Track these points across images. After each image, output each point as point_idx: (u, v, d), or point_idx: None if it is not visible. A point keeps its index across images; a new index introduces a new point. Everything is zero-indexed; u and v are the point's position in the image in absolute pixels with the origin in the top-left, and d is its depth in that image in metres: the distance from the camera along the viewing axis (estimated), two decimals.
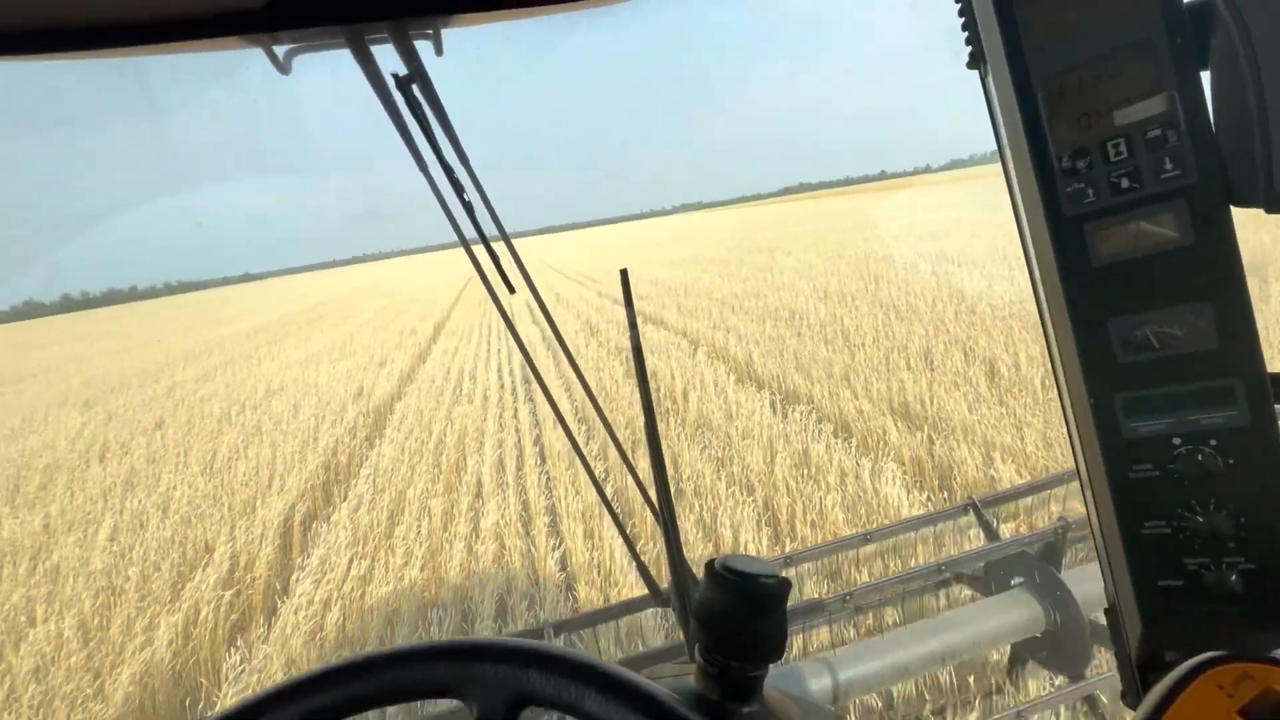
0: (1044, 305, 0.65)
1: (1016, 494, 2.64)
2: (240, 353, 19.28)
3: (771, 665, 0.54)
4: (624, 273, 0.85)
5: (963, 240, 17.29)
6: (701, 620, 0.52)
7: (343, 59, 0.77)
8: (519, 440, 6.88)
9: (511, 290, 0.95)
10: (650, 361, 9.31)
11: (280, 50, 0.75)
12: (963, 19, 0.67)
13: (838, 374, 7.24)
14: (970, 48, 0.67)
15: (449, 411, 8.32)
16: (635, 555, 1.04)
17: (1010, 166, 0.66)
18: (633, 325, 0.82)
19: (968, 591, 2.30)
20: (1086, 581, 1.88)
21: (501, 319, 1.00)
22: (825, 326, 9.60)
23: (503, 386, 9.43)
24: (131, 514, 6.45)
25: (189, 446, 8.99)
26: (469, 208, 0.88)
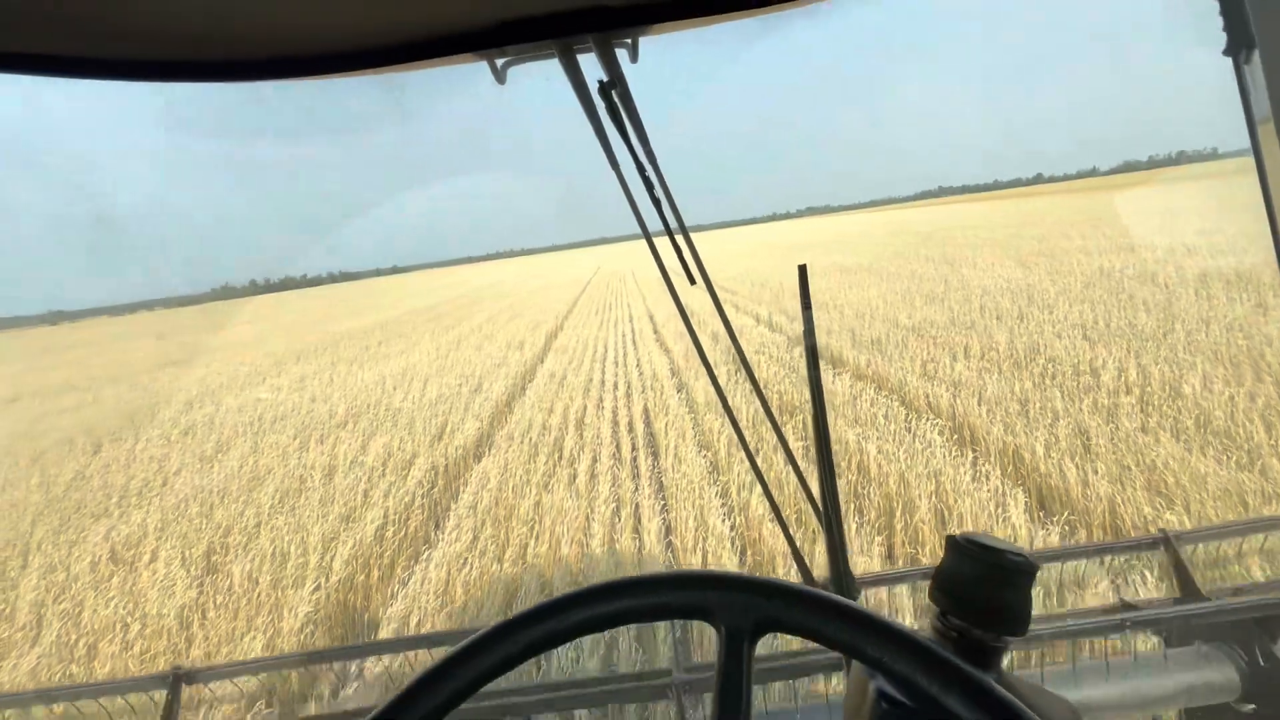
0: None
1: (1228, 532, 1.87)
2: (347, 354, 18.23)
3: None
4: (802, 269, 0.92)
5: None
6: (945, 588, 0.53)
7: (548, 69, 0.89)
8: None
9: (692, 282, 0.99)
10: (829, 423, 6.07)
11: (499, 62, 0.88)
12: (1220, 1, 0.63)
13: None
14: (1228, 33, 0.62)
15: (538, 501, 5.58)
16: (792, 544, 1.08)
17: (1265, 163, 0.63)
18: (808, 326, 0.90)
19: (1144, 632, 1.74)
20: None
21: (679, 312, 1.04)
22: (1158, 404, 5.77)
23: (618, 455, 6.57)
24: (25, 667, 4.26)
25: (223, 495, 7.03)
26: (657, 203, 0.95)
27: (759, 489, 4.87)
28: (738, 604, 0.46)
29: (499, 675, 0.45)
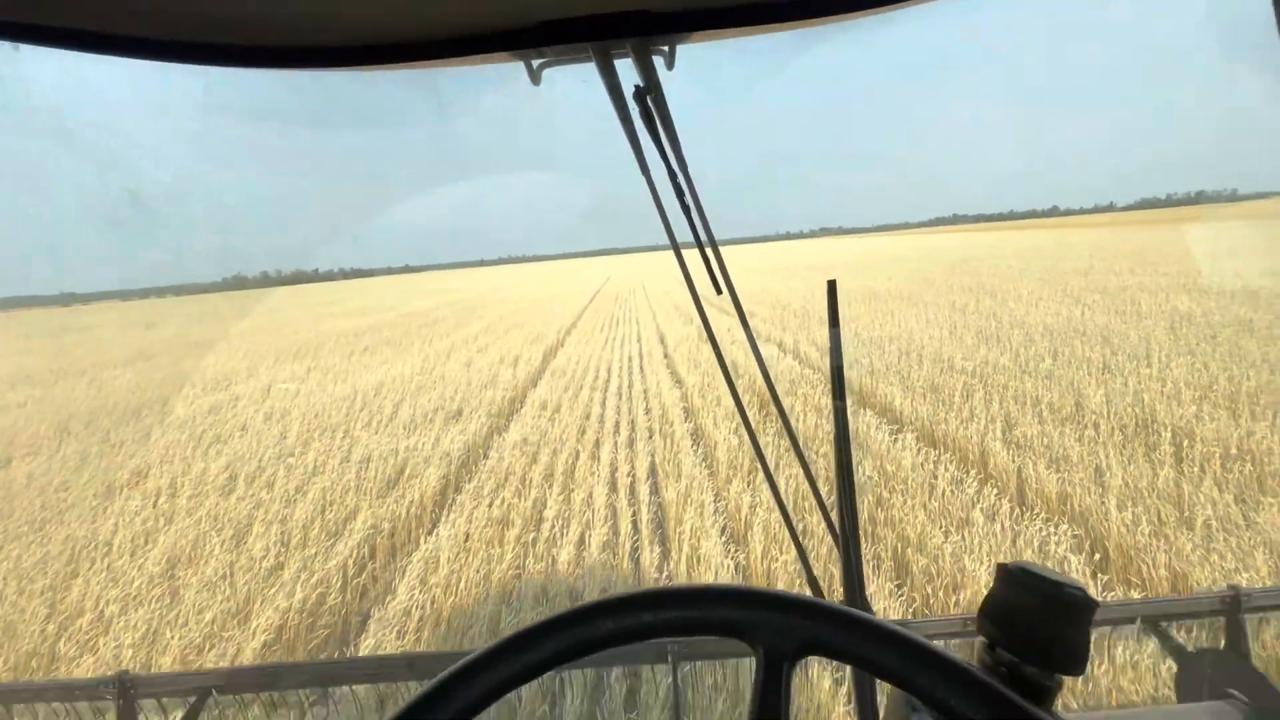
0: None
1: None
2: (328, 361, 16.67)
3: None
4: (831, 284, 0.94)
5: None
6: (996, 619, 0.49)
7: (583, 73, 0.88)
8: None
9: (718, 292, 0.97)
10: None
11: (536, 63, 0.87)
12: None
13: None
14: None
15: (494, 617, 3.91)
16: (806, 565, 1.04)
17: None
18: (835, 345, 0.92)
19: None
20: None
21: (706, 333, 1.03)
22: None
23: (613, 541, 4.89)
24: None
25: (105, 553, 5.43)
26: (687, 211, 0.93)
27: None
28: (779, 624, 0.44)
29: (520, 684, 0.44)
